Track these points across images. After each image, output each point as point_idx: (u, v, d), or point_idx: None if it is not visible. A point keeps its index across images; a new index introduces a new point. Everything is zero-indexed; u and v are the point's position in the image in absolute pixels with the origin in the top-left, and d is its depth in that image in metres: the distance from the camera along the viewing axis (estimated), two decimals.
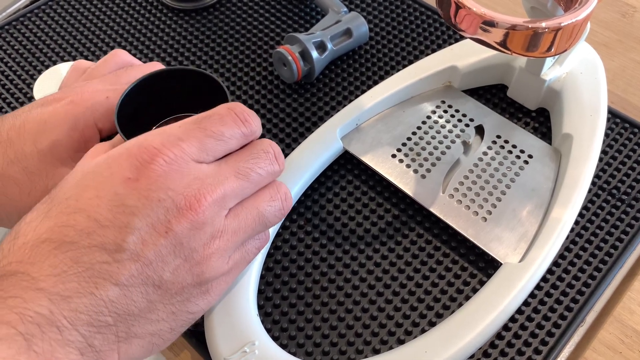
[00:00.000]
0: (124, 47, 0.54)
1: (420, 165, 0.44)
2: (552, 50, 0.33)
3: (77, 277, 0.25)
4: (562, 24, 0.31)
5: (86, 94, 0.34)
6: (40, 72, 0.53)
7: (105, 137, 0.36)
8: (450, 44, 0.52)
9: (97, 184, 0.27)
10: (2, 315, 0.24)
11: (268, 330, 0.37)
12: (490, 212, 0.41)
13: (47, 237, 0.26)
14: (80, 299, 0.25)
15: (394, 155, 0.44)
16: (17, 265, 0.25)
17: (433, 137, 0.45)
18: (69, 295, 0.25)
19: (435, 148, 0.45)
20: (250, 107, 0.50)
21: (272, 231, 0.41)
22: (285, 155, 0.44)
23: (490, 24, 0.32)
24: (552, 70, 0.45)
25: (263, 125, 0.48)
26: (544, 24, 0.31)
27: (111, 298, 0.26)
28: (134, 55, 0.54)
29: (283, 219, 0.33)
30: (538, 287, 0.39)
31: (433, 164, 0.44)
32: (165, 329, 0.29)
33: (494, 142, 0.45)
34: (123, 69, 0.38)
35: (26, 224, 0.27)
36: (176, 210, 0.27)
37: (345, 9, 0.53)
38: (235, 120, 0.30)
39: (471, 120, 0.46)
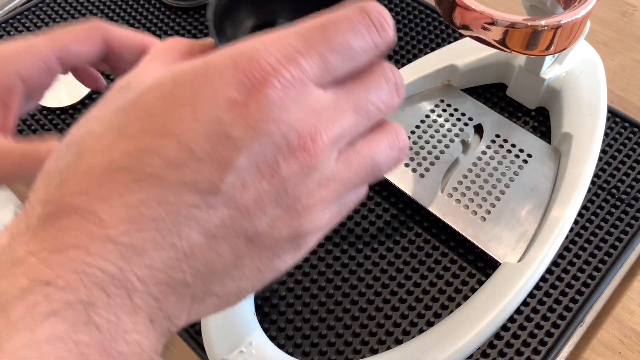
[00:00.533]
0: None
1: (419, 164, 0.44)
2: (552, 48, 0.32)
3: (157, 223, 0.20)
4: (562, 22, 0.31)
5: (8, 43, 0.31)
6: None
7: (31, 89, 0.32)
8: (449, 42, 0.52)
9: (194, 101, 0.21)
10: (60, 273, 0.19)
11: (265, 330, 0.37)
12: (489, 212, 0.41)
13: (123, 164, 0.20)
14: (158, 252, 0.20)
15: None
16: (80, 199, 0.20)
17: (432, 136, 0.45)
18: (144, 247, 0.20)
19: (434, 147, 0.44)
20: None
21: None
22: None
23: (489, 22, 0.31)
24: (551, 69, 0.45)
25: None
26: (543, 22, 0.31)
27: (195, 251, 0.21)
28: None
29: None
30: (537, 287, 0.39)
31: (432, 163, 0.44)
32: (246, 287, 0.24)
33: (493, 141, 0.45)
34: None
35: (94, 138, 0.21)
36: (287, 149, 0.21)
37: None
38: (369, 29, 0.23)
39: (470, 119, 0.46)
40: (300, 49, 0.22)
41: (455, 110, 0.47)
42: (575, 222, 0.42)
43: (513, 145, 0.45)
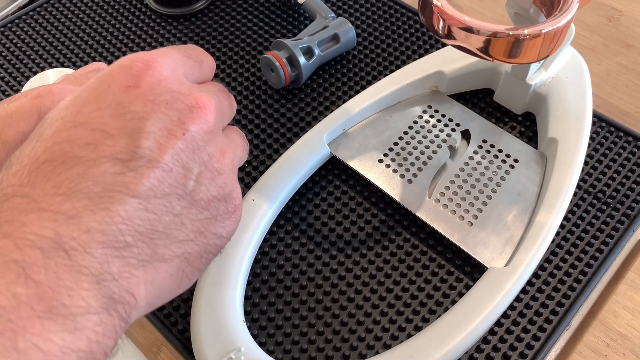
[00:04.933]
0: (112, 53, 0.55)
1: (407, 170, 0.44)
2: (534, 56, 0.33)
3: (86, 193, 0.22)
4: (543, 31, 0.31)
5: (55, 88, 0.33)
6: (28, 78, 0.53)
7: None
8: (437, 49, 0.53)
9: (95, 97, 0.24)
10: None
11: (254, 337, 0.37)
12: (476, 217, 0.41)
13: (46, 157, 0.22)
14: (93, 216, 0.22)
15: (380, 160, 0.45)
16: (14, 189, 0.22)
17: (420, 142, 0.46)
18: (78, 213, 0.21)
19: (422, 153, 0.45)
20: (238, 112, 0.50)
21: (259, 236, 0.41)
22: (273, 161, 0.44)
23: (471, 31, 0.32)
24: (537, 75, 0.45)
25: (251, 131, 0.48)
26: (525, 31, 0.32)
27: (130, 213, 0.22)
28: None
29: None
30: (524, 291, 0.39)
31: (419, 169, 0.44)
32: (194, 252, 0.25)
33: (480, 147, 0.45)
34: (94, 71, 0.37)
35: (19, 151, 0.23)
36: (188, 109, 0.25)
37: (333, 15, 0.53)
38: (207, 55, 0.30)
39: (457, 124, 0.47)
40: (164, 52, 0.27)
41: (443, 115, 0.47)
42: (562, 226, 0.42)
43: (500, 151, 0.45)
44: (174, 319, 0.39)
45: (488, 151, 0.45)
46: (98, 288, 0.21)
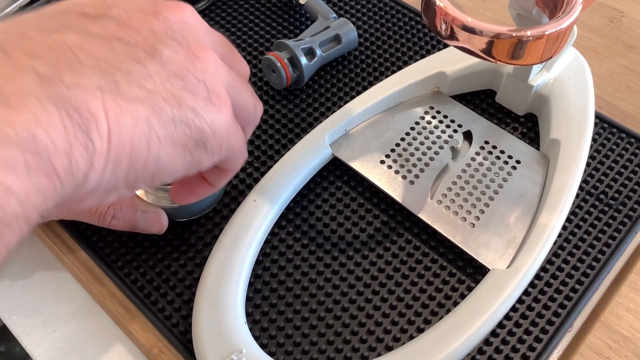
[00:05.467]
0: None
1: (409, 171, 0.44)
2: (537, 58, 0.33)
3: (41, 25, 0.22)
4: (546, 32, 0.31)
5: None
6: None
7: None
8: (439, 49, 0.53)
9: None
10: None
11: (256, 338, 0.37)
12: (478, 218, 0.41)
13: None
14: (42, 36, 0.21)
15: (382, 161, 0.44)
16: None
17: (421, 143, 0.45)
18: (25, 33, 0.21)
19: (424, 154, 0.45)
20: None
21: (260, 238, 0.41)
22: (275, 162, 0.44)
23: (474, 32, 0.32)
24: (539, 76, 0.45)
25: (252, 132, 0.48)
26: (528, 33, 0.31)
27: (86, 44, 0.22)
28: None
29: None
30: (526, 292, 0.39)
31: (421, 170, 0.44)
32: (163, 109, 0.23)
33: (482, 148, 0.45)
34: None
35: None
36: (163, 2, 0.25)
37: (335, 15, 0.53)
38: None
39: (459, 125, 0.46)
40: None
41: (445, 116, 0.47)
42: (564, 227, 0.42)
43: (502, 152, 0.45)
44: (175, 320, 0.39)
45: (490, 152, 0.45)
46: (43, 85, 0.20)
